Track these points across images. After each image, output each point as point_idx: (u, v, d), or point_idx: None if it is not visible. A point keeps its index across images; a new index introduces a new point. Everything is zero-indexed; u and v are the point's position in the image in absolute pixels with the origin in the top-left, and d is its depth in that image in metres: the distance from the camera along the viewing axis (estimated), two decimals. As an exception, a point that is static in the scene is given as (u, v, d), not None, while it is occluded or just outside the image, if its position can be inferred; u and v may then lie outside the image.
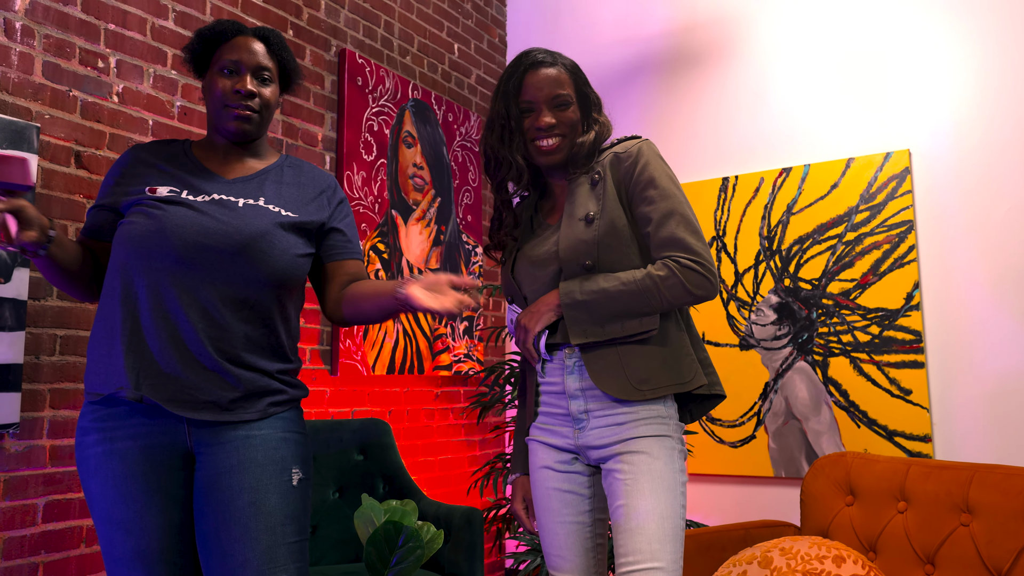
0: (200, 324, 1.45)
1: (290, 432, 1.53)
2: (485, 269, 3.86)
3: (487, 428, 3.74)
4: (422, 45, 3.64)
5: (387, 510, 2.23)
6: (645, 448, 1.50)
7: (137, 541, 1.43)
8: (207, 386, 1.45)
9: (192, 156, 1.61)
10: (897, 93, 3.17)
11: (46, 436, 2.13)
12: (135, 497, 1.44)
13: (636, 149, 1.59)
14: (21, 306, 2.06)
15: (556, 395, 1.60)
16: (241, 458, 1.46)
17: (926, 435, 2.93)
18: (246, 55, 1.57)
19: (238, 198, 1.54)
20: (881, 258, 3.09)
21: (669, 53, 3.69)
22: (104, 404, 1.47)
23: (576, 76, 1.65)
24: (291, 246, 1.54)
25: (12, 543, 2.03)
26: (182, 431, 1.47)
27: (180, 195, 1.52)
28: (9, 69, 2.12)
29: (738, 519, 3.23)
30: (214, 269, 1.47)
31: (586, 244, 1.55)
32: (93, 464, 1.46)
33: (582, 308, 1.52)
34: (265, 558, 1.42)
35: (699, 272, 1.50)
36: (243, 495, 1.44)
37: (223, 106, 1.56)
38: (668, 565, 1.44)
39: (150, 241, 1.46)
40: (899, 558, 2.16)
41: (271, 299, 1.53)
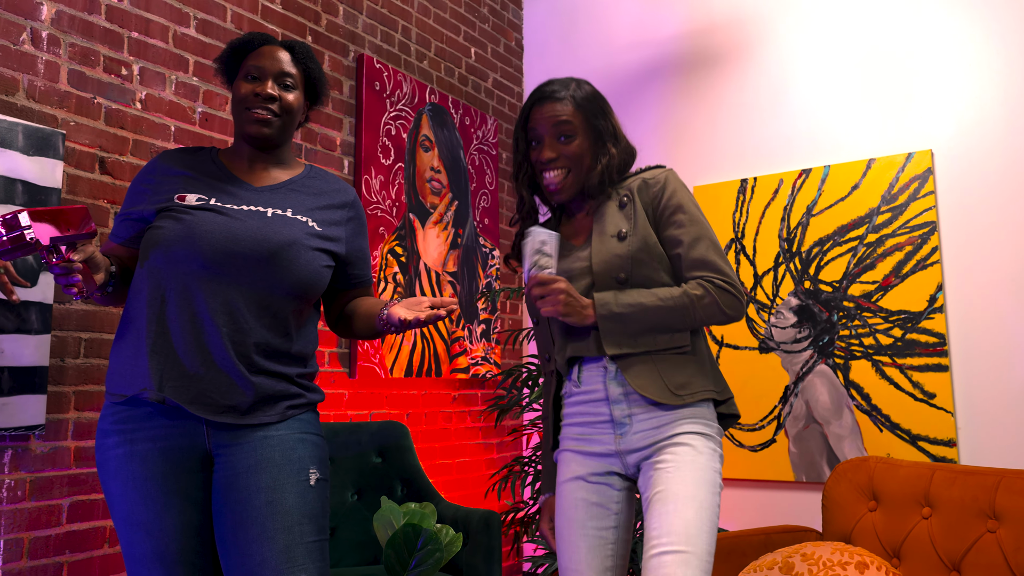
0: (225, 328, 1.47)
1: (307, 433, 1.54)
2: (502, 272, 3.86)
3: (504, 431, 3.74)
4: (439, 49, 3.66)
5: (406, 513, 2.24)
6: (689, 441, 1.51)
7: (157, 542, 1.45)
8: (228, 390, 1.47)
9: (219, 163, 1.64)
10: (919, 93, 3.14)
11: (71, 437, 2.16)
12: (155, 499, 1.46)
13: (664, 177, 1.64)
14: (47, 310, 2.09)
15: (596, 402, 1.60)
16: (258, 458, 1.47)
17: (951, 440, 2.90)
18: (269, 61, 1.61)
19: (267, 207, 1.57)
20: (903, 260, 3.06)
21: (686, 55, 3.67)
22: (125, 405, 1.49)
23: (586, 108, 1.65)
24: (316, 258, 1.58)
25: (38, 543, 2.06)
26: (201, 433, 1.49)
27: (209, 202, 1.54)
28: (36, 77, 2.15)
29: (758, 524, 3.20)
30: (241, 275, 1.49)
31: (620, 258, 1.58)
32: (113, 466, 1.48)
33: (618, 320, 1.55)
34: (283, 557, 1.42)
35: (732, 294, 1.56)
36: (260, 495, 1.45)
37: (244, 109, 1.59)
38: (701, 554, 1.41)
39: (179, 246, 1.48)
40: (924, 565, 2.14)
41: (293, 307, 1.55)
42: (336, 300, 1.73)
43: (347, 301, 1.72)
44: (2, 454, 2.01)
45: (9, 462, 2.02)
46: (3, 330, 1.99)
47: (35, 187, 2.08)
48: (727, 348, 3.37)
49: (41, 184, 2.09)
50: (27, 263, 2.05)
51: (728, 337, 3.38)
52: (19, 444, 2.04)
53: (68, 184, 2.20)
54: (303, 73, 1.66)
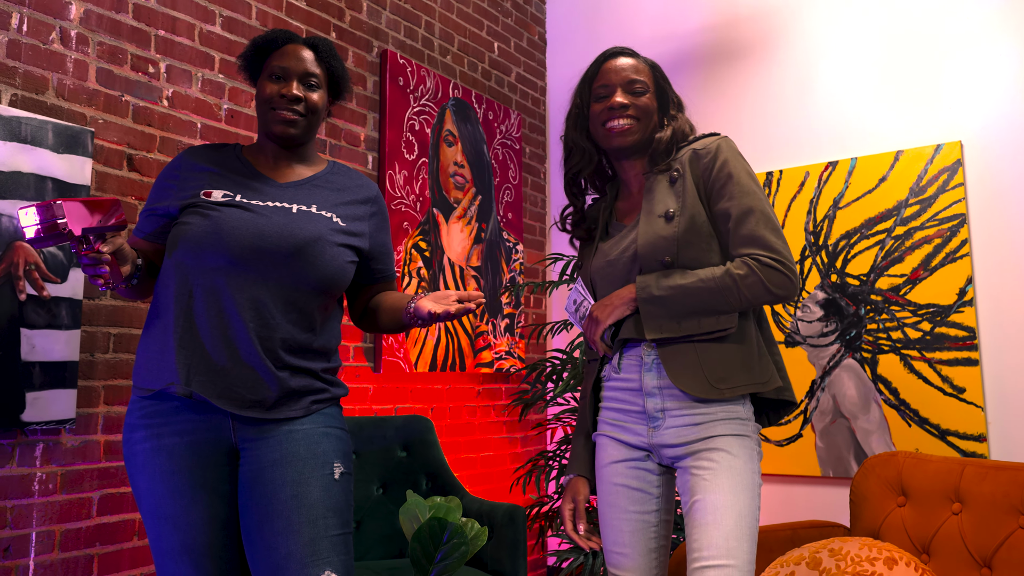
0: (252, 324, 1.48)
1: (331, 427, 1.56)
2: (526, 267, 3.86)
3: (529, 425, 3.74)
4: (462, 44, 3.66)
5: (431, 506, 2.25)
6: (725, 446, 1.47)
7: (184, 536, 1.47)
8: (254, 385, 1.48)
9: (244, 160, 1.65)
10: (948, 83, 3.09)
11: (100, 431, 2.19)
12: (182, 493, 1.47)
13: (715, 146, 1.57)
14: (76, 305, 2.12)
15: (632, 392, 1.57)
16: (284, 452, 1.49)
17: (981, 434, 2.85)
18: (294, 62, 1.61)
19: (291, 203, 1.58)
20: (932, 253, 3.01)
21: (711, 48, 3.64)
22: (152, 400, 1.51)
23: (656, 71, 1.66)
24: (340, 253, 1.59)
25: (69, 535, 2.09)
26: (227, 427, 1.50)
27: (235, 198, 1.55)
28: (65, 76, 2.18)
29: (785, 519, 3.18)
30: (267, 271, 1.51)
31: (666, 241, 1.52)
32: (141, 460, 1.50)
33: (658, 303, 1.50)
34: (308, 550, 1.43)
35: (780, 271, 1.47)
36: (285, 488, 1.46)
37: (269, 109, 1.60)
38: (742, 565, 1.41)
39: (205, 241, 1.50)
40: (954, 561, 2.11)
41: (318, 302, 1.56)
42: (360, 295, 1.74)
43: (371, 296, 1.73)
44: (34, 448, 2.05)
45: (40, 455, 2.06)
46: (34, 325, 2.03)
47: (65, 184, 2.11)
48: (752, 342, 3.35)
49: (70, 181, 2.12)
50: (57, 259, 2.08)
51: (753, 331, 3.35)
52: (50, 438, 2.08)
53: (97, 181, 2.23)
54: (326, 72, 1.66)
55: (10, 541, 1.98)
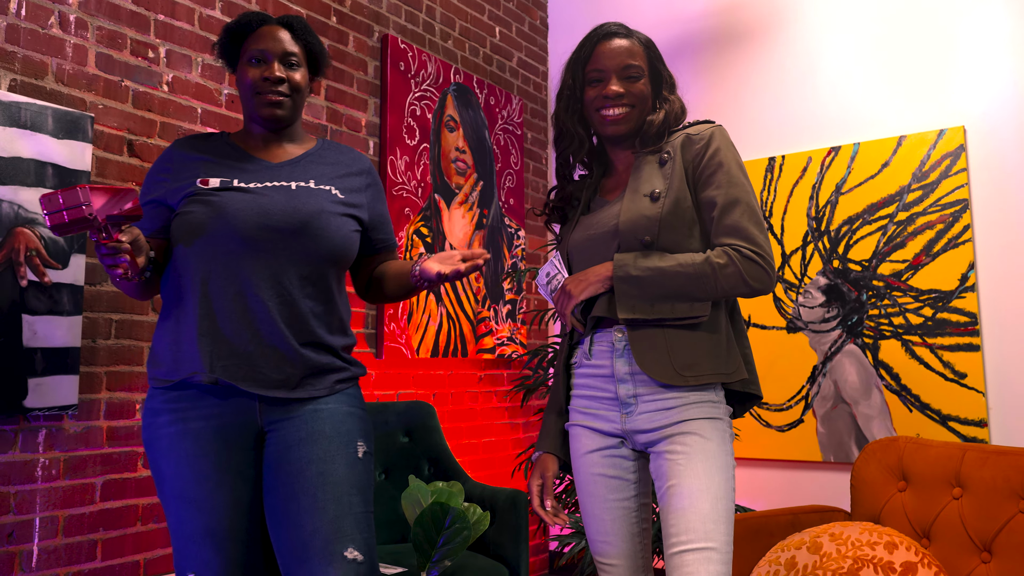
0: (271, 303, 1.49)
1: (354, 407, 1.58)
2: (528, 252, 3.86)
3: (531, 411, 3.75)
4: (463, 29, 3.63)
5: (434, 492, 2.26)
6: (697, 429, 1.47)
7: (208, 519, 1.48)
8: (278, 364, 1.49)
9: (234, 145, 1.65)
10: (951, 68, 3.07)
11: (103, 417, 2.19)
12: (208, 476, 1.48)
13: (709, 133, 1.56)
14: (78, 291, 2.12)
15: (603, 378, 1.57)
16: (309, 430, 1.50)
17: (982, 420, 2.86)
18: (271, 43, 1.60)
19: (289, 181, 1.58)
20: (934, 238, 3.01)
21: (713, 32, 3.62)
22: (176, 388, 1.51)
23: (650, 51, 1.63)
24: (344, 223, 1.60)
25: (72, 521, 2.10)
26: (253, 410, 1.51)
27: (232, 183, 1.55)
28: (64, 61, 2.17)
29: (786, 504, 3.19)
30: (278, 249, 1.51)
31: (648, 220, 1.51)
32: (166, 444, 1.50)
33: (634, 283, 1.49)
34: (332, 527, 1.45)
35: (759, 264, 1.47)
36: (311, 466, 1.48)
37: (254, 94, 1.60)
38: (721, 547, 1.41)
39: (212, 227, 1.50)
40: (954, 545, 2.12)
41: (330, 275, 1.58)
42: (363, 267, 1.74)
43: (374, 266, 1.74)
44: (36, 434, 2.05)
45: (43, 441, 2.06)
46: (35, 311, 2.03)
47: (65, 170, 2.10)
48: (754, 327, 3.35)
49: (71, 167, 2.11)
50: (58, 245, 2.08)
51: (756, 316, 3.35)
52: (53, 424, 2.08)
53: (97, 167, 2.22)
54: (304, 49, 1.65)
55: (14, 527, 1.99)
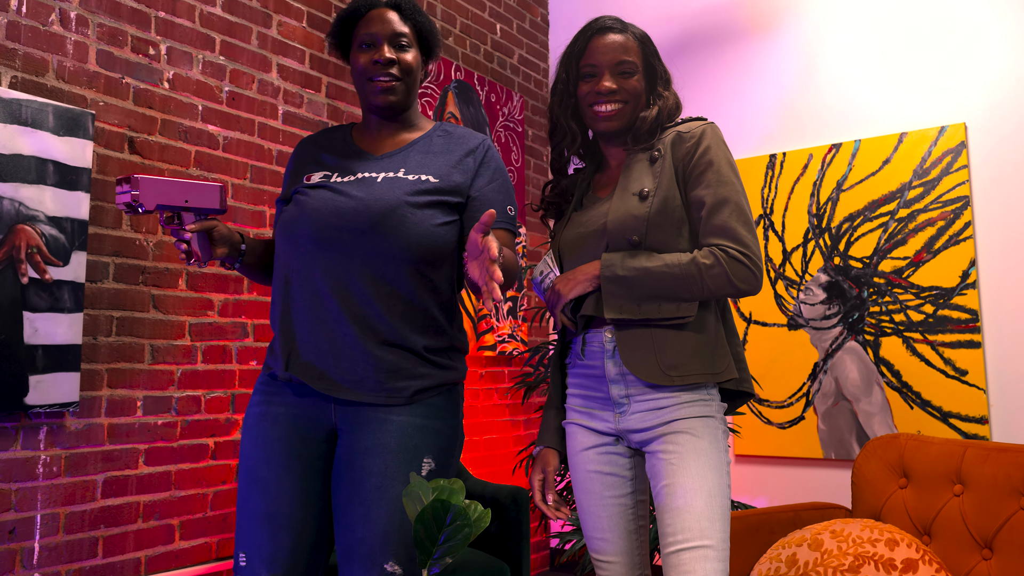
0: (345, 306, 1.47)
1: (431, 420, 1.50)
2: (529, 250, 3.85)
3: (531, 408, 3.75)
4: (464, 26, 3.63)
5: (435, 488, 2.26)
6: (689, 428, 1.47)
7: (271, 503, 1.48)
8: (351, 366, 1.47)
9: (350, 139, 1.63)
10: (952, 65, 3.07)
11: (104, 414, 2.19)
12: (278, 460, 1.50)
13: (700, 131, 1.54)
14: (79, 288, 2.12)
15: (596, 378, 1.57)
16: (375, 442, 1.47)
17: (983, 417, 2.86)
18: (379, 25, 1.56)
19: (379, 173, 1.53)
20: (935, 235, 3.00)
21: (714, 28, 3.62)
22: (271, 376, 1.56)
23: (645, 46, 1.61)
24: (427, 217, 1.49)
25: (73, 518, 2.10)
26: (328, 409, 1.51)
27: (330, 180, 1.54)
28: (65, 58, 2.16)
29: (787, 501, 3.19)
30: (351, 249, 1.47)
31: (636, 219, 1.51)
32: (251, 422, 1.54)
33: (621, 283, 1.49)
34: (379, 540, 1.44)
35: (746, 265, 1.46)
36: (371, 479, 1.46)
37: (366, 80, 1.56)
38: (717, 544, 1.42)
39: (295, 227, 1.51)
40: (955, 542, 2.12)
41: (413, 273, 1.49)
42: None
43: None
44: (38, 431, 2.05)
45: (44, 438, 2.06)
46: (36, 309, 2.03)
47: (66, 167, 2.10)
48: (755, 325, 3.34)
49: (72, 164, 2.11)
50: (59, 242, 2.08)
51: (756, 314, 3.35)
52: (54, 421, 2.08)
53: (98, 164, 2.22)
54: (414, 29, 1.59)
55: (15, 523, 1.99)
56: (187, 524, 2.37)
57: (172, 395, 2.36)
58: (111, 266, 2.24)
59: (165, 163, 2.38)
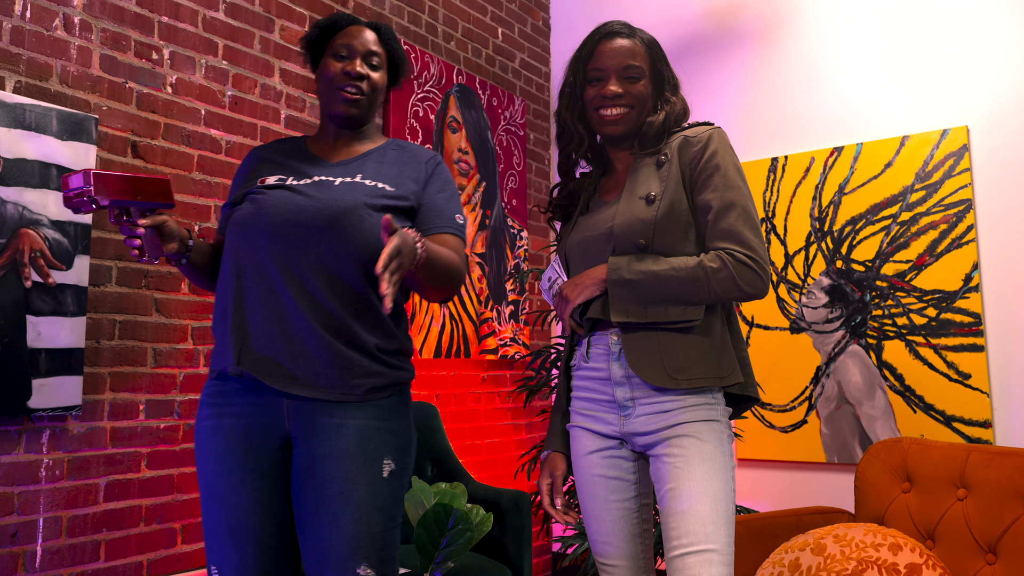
0: (299, 299, 1.48)
1: (387, 421, 1.52)
2: (531, 253, 3.86)
3: (533, 412, 3.75)
4: (466, 30, 3.64)
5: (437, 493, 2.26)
6: (694, 432, 1.47)
7: (230, 516, 1.49)
8: (305, 360, 1.48)
9: (304, 147, 1.68)
10: (954, 68, 3.07)
11: (107, 418, 2.19)
12: (233, 473, 1.50)
13: (707, 135, 1.55)
14: (82, 292, 2.12)
15: (601, 381, 1.57)
16: (334, 447, 1.48)
17: (986, 421, 2.85)
18: (356, 40, 1.63)
19: (336, 177, 1.58)
20: (938, 238, 3.00)
21: (715, 32, 3.62)
22: (219, 381, 1.55)
23: (653, 51, 1.62)
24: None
25: (76, 521, 2.10)
26: (282, 412, 1.51)
27: (286, 181, 1.57)
28: (69, 63, 2.17)
29: (789, 505, 3.19)
30: (306, 245, 1.50)
31: (643, 223, 1.51)
32: (203, 436, 1.54)
33: (628, 287, 1.49)
34: (349, 547, 1.45)
35: (753, 269, 1.46)
36: (334, 485, 1.46)
37: (333, 88, 1.61)
38: (721, 548, 1.41)
39: (251, 223, 1.53)
40: (959, 547, 2.11)
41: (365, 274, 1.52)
42: None
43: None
44: (40, 434, 2.05)
45: (47, 442, 2.06)
46: (39, 312, 2.03)
47: (69, 171, 2.10)
48: (757, 328, 3.34)
49: (75, 168, 2.11)
50: (62, 246, 2.08)
51: (759, 317, 3.35)
52: (57, 424, 2.08)
53: (101, 168, 2.22)
54: (388, 53, 1.67)
55: (17, 527, 1.99)
56: (189, 528, 2.37)
57: (175, 399, 2.36)
58: (114, 270, 2.24)
59: (168, 167, 2.39)
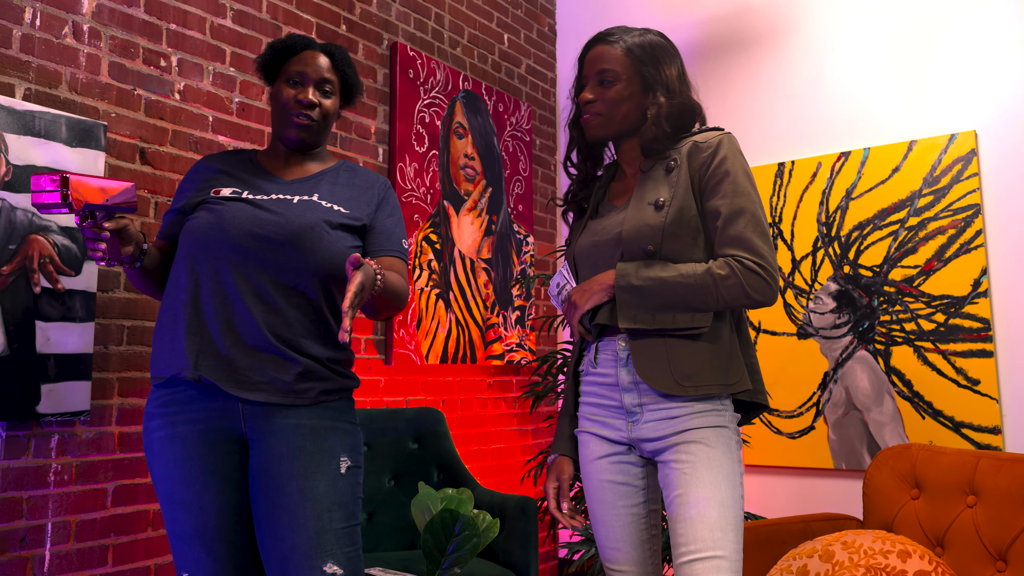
0: (256, 309, 1.53)
1: (339, 421, 1.59)
2: (536, 259, 3.86)
3: (540, 417, 3.74)
4: (472, 36, 3.65)
5: (443, 498, 2.25)
6: (702, 438, 1.47)
7: (196, 520, 1.52)
8: (261, 367, 1.52)
9: (256, 162, 1.72)
10: (962, 72, 3.06)
11: (115, 423, 2.20)
12: (194, 478, 1.52)
13: (717, 141, 1.53)
14: (91, 298, 2.13)
15: (609, 387, 1.57)
16: (291, 446, 1.52)
17: (995, 427, 2.84)
18: (311, 68, 1.67)
19: (294, 195, 1.63)
20: (946, 243, 2.99)
21: (721, 37, 3.62)
22: (167, 388, 1.56)
23: (637, 55, 1.59)
24: (340, 238, 1.61)
25: (84, 526, 2.11)
26: (237, 416, 1.54)
27: (242, 194, 1.62)
28: (78, 70, 2.18)
29: (797, 512, 3.17)
30: (266, 257, 1.55)
31: (651, 229, 1.51)
32: (157, 447, 1.55)
33: (635, 293, 1.49)
34: (312, 543, 1.48)
35: (761, 276, 1.45)
36: (292, 482, 1.50)
37: (286, 114, 1.66)
38: (730, 555, 1.41)
39: (210, 232, 1.56)
40: (968, 554, 2.10)
41: (321, 289, 1.59)
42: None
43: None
44: (49, 439, 2.06)
45: (56, 447, 2.07)
46: (49, 318, 2.04)
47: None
48: (764, 334, 3.33)
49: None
50: (71, 252, 2.09)
51: (766, 323, 3.34)
52: (65, 429, 2.09)
53: (110, 175, 2.23)
54: (341, 79, 1.73)
55: (26, 531, 2.00)
56: (196, 533, 2.37)
57: (182, 404, 2.36)
58: (122, 276, 2.25)
59: (176, 173, 2.40)
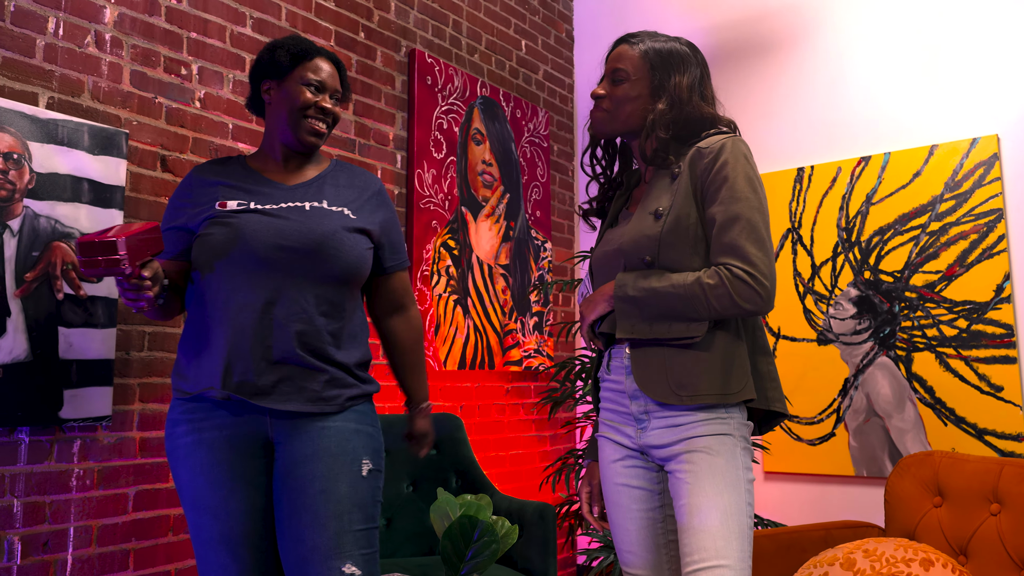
0: (286, 321, 1.54)
1: (363, 425, 1.61)
2: (554, 265, 3.85)
3: (558, 423, 3.73)
4: (490, 43, 3.66)
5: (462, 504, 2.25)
6: (705, 447, 1.46)
7: (223, 525, 1.53)
8: (289, 379, 1.54)
9: (250, 169, 1.72)
10: (983, 75, 3.03)
11: (136, 428, 2.22)
12: (221, 484, 1.54)
13: (719, 146, 1.50)
14: (112, 304, 2.15)
15: (619, 393, 1.59)
16: (315, 448, 1.54)
17: (1019, 434, 2.80)
18: (329, 78, 1.72)
19: (303, 202, 1.65)
20: (968, 248, 2.96)
21: (740, 42, 3.61)
22: (192, 401, 1.58)
23: (653, 60, 1.58)
24: (358, 242, 1.65)
25: (105, 530, 2.13)
26: (264, 423, 1.56)
27: (249, 205, 1.62)
28: (100, 79, 2.21)
29: (817, 519, 3.14)
30: (293, 268, 1.56)
31: (648, 239, 1.51)
32: (182, 453, 1.57)
33: (632, 303, 1.50)
34: (332, 543, 1.49)
35: (749, 284, 1.42)
36: (315, 483, 1.52)
37: (303, 116, 1.68)
38: (735, 563, 1.40)
39: (230, 247, 1.56)
40: (992, 562, 2.07)
41: (344, 294, 1.62)
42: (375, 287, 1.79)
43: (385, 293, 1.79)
44: (71, 444, 2.08)
45: (78, 452, 2.09)
46: (71, 324, 2.06)
47: (100, 185, 2.14)
48: (784, 340, 3.31)
49: (106, 182, 2.15)
50: (94, 259, 2.12)
51: (785, 329, 3.31)
52: (87, 435, 2.11)
53: (131, 182, 2.26)
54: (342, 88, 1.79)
55: (49, 536, 2.02)
56: (216, 538, 2.38)
57: (202, 410, 2.38)
58: (143, 282, 2.27)
59: (196, 181, 2.42)
